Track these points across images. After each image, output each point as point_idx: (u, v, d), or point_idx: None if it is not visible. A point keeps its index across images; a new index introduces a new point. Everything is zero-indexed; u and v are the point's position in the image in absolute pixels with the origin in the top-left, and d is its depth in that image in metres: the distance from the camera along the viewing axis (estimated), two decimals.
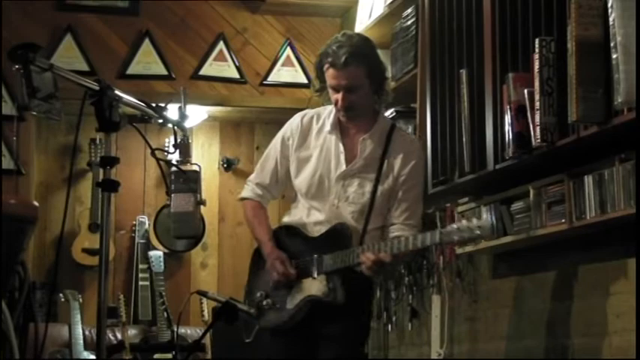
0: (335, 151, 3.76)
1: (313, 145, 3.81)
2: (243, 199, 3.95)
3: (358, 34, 3.88)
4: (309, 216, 3.77)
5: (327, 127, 3.79)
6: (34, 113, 2.86)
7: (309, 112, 3.89)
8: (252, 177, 3.95)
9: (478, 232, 3.36)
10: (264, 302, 3.67)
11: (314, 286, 3.66)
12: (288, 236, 3.80)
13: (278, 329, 3.73)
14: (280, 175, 3.88)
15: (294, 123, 3.87)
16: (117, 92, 2.99)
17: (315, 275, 3.65)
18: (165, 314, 6.71)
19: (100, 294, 2.92)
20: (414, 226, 3.70)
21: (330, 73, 3.69)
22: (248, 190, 3.93)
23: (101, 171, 3.01)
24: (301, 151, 3.82)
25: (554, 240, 3.87)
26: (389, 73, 3.86)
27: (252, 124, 7.49)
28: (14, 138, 5.92)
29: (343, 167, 3.73)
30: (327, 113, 3.82)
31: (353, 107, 3.69)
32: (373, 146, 3.74)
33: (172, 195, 3.36)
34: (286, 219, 3.87)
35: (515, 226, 3.98)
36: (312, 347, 3.70)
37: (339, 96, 3.67)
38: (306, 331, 3.69)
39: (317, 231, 3.73)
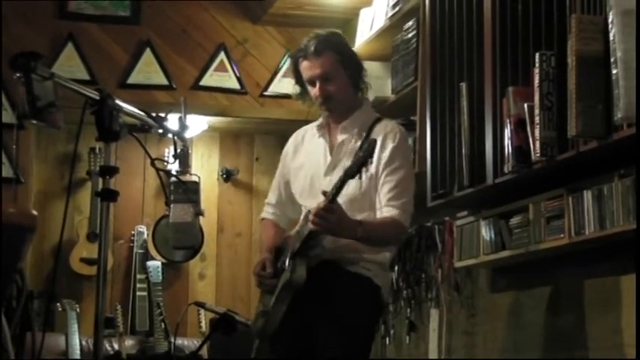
0: (322, 150, 3.78)
1: (306, 152, 3.84)
2: (261, 220, 4.03)
3: (328, 30, 3.89)
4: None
5: (316, 132, 3.82)
6: (34, 122, 2.86)
7: (306, 127, 3.93)
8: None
9: (365, 153, 3.29)
10: (258, 311, 3.68)
11: (284, 275, 3.62)
12: (289, 242, 3.77)
13: (266, 333, 3.69)
14: (284, 189, 3.91)
15: (290, 140, 3.95)
16: (117, 101, 2.99)
17: (286, 265, 3.62)
18: (162, 325, 6.71)
19: (98, 304, 2.92)
20: (397, 207, 3.59)
21: (304, 66, 3.72)
22: (263, 211, 4.01)
23: (100, 180, 3.01)
24: (295, 161, 3.86)
25: (553, 255, 3.86)
26: (365, 70, 3.83)
27: (252, 135, 7.49)
28: (14, 146, 5.92)
29: (329, 162, 3.74)
30: (317, 122, 3.85)
31: (331, 97, 3.70)
32: (352, 136, 3.72)
33: (171, 205, 3.36)
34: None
35: (513, 240, 3.98)
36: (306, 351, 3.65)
37: (317, 88, 3.70)
38: (300, 336, 3.65)
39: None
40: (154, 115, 3.20)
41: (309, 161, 3.79)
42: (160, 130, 3.23)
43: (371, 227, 3.55)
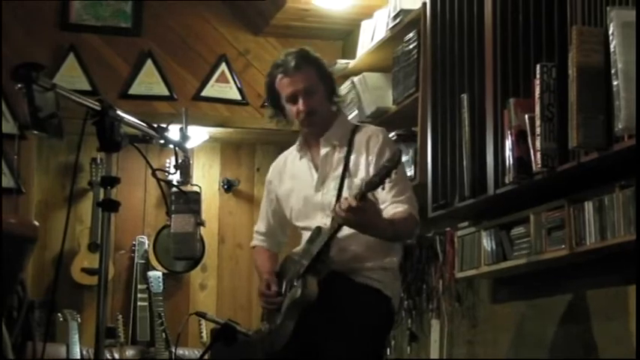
0: (307, 169, 3.77)
1: (291, 176, 3.84)
2: (252, 247, 4.05)
3: (300, 47, 3.89)
4: (304, 237, 3.77)
5: (297, 153, 3.82)
6: (36, 132, 2.86)
7: (284, 153, 3.95)
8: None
9: (388, 163, 3.28)
10: (263, 328, 3.66)
11: (295, 292, 3.60)
12: (292, 262, 3.77)
13: (275, 349, 3.67)
14: (272, 217, 3.93)
15: (271, 168, 3.97)
16: (118, 112, 2.99)
17: (296, 282, 3.61)
18: (163, 335, 6.70)
19: (99, 314, 2.91)
20: (404, 201, 3.58)
21: (284, 83, 3.70)
22: (254, 238, 4.03)
23: (102, 191, 3.01)
24: (282, 187, 3.86)
25: (554, 265, 3.86)
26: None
27: (253, 146, 7.49)
28: (15, 156, 5.92)
29: (316, 179, 3.74)
30: (296, 145, 3.85)
31: (314, 111, 3.69)
32: (335, 147, 3.71)
33: (172, 216, 3.35)
34: (294, 250, 3.88)
35: (514, 251, 3.98)
36: None
37: (299, 103, 3.68)
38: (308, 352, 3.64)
39: None
40: (155, 125, 3.20)
41: (298, 184, 3.79)
42: (161, 141, 3.23)
43: (400, 226, 3.53)
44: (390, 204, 3.57)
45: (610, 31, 3.12)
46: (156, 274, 7.01)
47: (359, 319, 3.55)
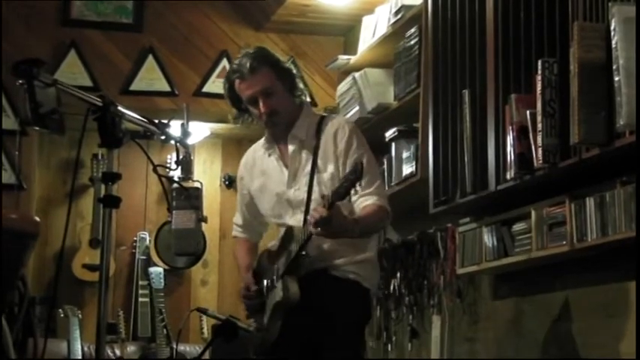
0: (277, 166, 3.79)
1: (260, 173, 3.86)
2: (233, 237, 4.12)
3: (255, 47, 3.90)
4: (280, 231, 3.81)
5: (263, 150, 3.85)
6: (37, 128, 2.86)
7: (250, 148, 3.99)
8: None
9: (352, 176, 3.26)
10: (251, 326, 3.69)
11: (276, 294, 3.65)
12: (268, 258, 3.82)
13: (265, 348, 3.71)
14: (247, 210, 3.96)
15: (241, 164, 4.00)
16: (120, 108, 2.99)
17: (275, 284, 3.66)
18: (164, 331, 6.70)
19: (100, 310, 2.92)
20: (373, 193, 3.61)
21: (242, 87, 3.72)
22: (233, 229, 4.10)
23: (103, 186, 3.01)
24: (254, 184, 3.89)
25: (555, 262, 3.86)
26: (298, 72, 3.87)
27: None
28: (16, 152, 5.92)
29: (287, 176, 3.75)
30: (262, 140, 3.88)
31: (276, 111, 3.71)
32: (302, 142, 3.73)
33: (174, 212, 3.36)
34: (271, 243, 3.91)
35: (516, 247, 3.98)
36: None
37: (260, 104, 3.70)
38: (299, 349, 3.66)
39: None
40: (156, 121, 3.20)
41: (269, 181, 3.82)
42: (163, 137, 3.23)
43: (366, 222, 3.55)
44: (359, 197, 3.57)
45: (611, 27, 3.12)
46: (157, 270, 7.00)
47: (341, 312, 3.60)
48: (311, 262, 3.62)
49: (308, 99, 3.97)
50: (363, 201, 3.59)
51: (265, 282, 3.74)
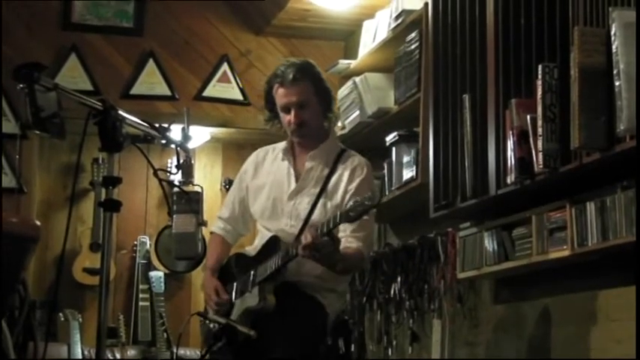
0: (287, 174, 3.85)
1: (267, 173, 3.92)
2: (210, 233, 4.11)
3: (302, 59, 3.99)
4: (263, 238, 3.83)
5: (280, 155, 3.90)
6: (38, 132, 2.86)
7: (267, 147, 4.04)
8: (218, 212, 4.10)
9: (368, 202, 3.36)
10: (252, 332, 3.71)
11: (249, 299, 3.71)
12: (237, 262, 3.88)
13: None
14: (238, 205, 3.99)
15: (250, 157, 4.05)
16: (120, 112, 2.99)
17: (250, 289, 3.71)
18: (164, 335, 6.70)
19: (100, 314, 2.91)
20: (360, 239, 3.70)
21: (280, 93, 3.81)
22: (214, 224, 4.09)
23: (103, 190, 3.01)
24: (256, 180, 3.93)
25: (556, 266, 3.86)
26: (335, 98, 4.00)
27: (254, 146, 7.40)
28: (17, 156, 5.92)
29: (293, 187, 3.81)
30: (283, 144, 3.95)
31: (305, 124, 3.79)
32: (319, 164, 3.81)
33: (174, 216, 3.36)
34: (246, 248, 3.95)
35: (516, 251, 3.98)
36: None
37: (292, 114, 3.78)
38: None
39: None
40: (156, 125, 3.20)
41: (271, 183, 3.87)
42: (163, 141, 3.23)
43: (348, 262, 3.66)
44: (347, 236, 3.67)
45: (612, 32, 3.12)
46: (157, 274, 7.01)
47: (301, 327, 3.67)
48: (284, 273, 3.69)
49: (339, 124, 4.04)
50: (349, 242, 3.68)
51: (235, 285, 3.80)
